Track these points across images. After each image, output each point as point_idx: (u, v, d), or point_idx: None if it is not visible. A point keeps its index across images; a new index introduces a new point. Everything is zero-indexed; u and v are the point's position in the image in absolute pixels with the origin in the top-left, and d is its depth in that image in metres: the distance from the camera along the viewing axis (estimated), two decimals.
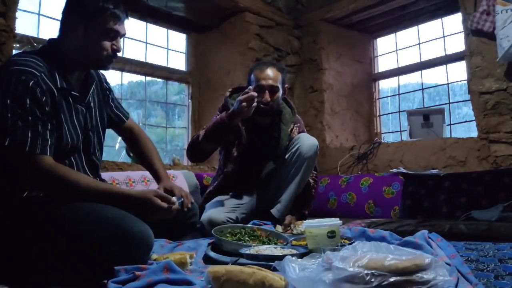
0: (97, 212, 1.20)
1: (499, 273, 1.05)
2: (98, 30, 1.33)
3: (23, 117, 1.18)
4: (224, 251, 1.39)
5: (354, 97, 3.81)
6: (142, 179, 2.46)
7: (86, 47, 1.34)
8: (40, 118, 1.21)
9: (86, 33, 1.32)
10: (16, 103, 1.18)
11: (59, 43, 1.36)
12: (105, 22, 1.33)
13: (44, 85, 1.23)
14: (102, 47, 1.35)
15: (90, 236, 1.14)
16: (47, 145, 1.22)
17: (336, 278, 0.83)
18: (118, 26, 1.36)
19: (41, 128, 1.21)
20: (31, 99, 1.19)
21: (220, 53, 3.53)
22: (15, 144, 1.17)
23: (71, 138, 1.33)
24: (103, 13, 1.32)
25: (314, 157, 2.10)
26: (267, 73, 2.03)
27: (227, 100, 2.12)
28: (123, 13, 1.38)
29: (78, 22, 1.32)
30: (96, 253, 1.12)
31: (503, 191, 2.26)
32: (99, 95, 1.53)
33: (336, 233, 1.31)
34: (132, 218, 1.21)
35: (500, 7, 2.41)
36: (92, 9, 1.31)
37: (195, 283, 0.99)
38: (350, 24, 3.75)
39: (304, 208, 2.17)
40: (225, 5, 3.31)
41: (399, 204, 2.61)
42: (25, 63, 1.23)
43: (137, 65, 3.26)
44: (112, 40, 1.37)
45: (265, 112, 2.07)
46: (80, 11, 1.32)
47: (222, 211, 1.95)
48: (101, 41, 1.34)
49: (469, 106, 2.88)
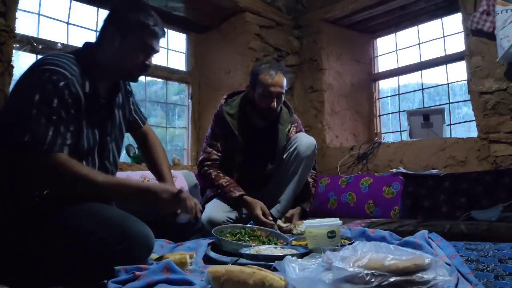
0: (98, 213, 1.21)
1: (499, 273, 1.05)
2: (135, 44, 1.36)
3: (48, 116, 1.19)
4: (224, 251, 1.39)
5: (354, 97, 3.81)
6: (142, 179, 2.46)
7: (120, 58, 1.36)
8: (64, 119, 1.22)
9: (122, 45, 1.35)
10: (44, 101, 1.19)
11: (95, 49, 1.39)
12: (143, 37, 1.37)
13: (73, 88, 1.24)
14: (134, 61, 1.38)
15: (91, 236, 1.14)
16: (64, 144, 1.22)
17: (336, 278, 0.83)
18: (154, 43, 1.40)
19: (63, 129, 1.22)
20: (59, 99, 1.21)
21: (220, 53, 3.53)
22: (35, 141, 1.17)
23: (88, 143, 1.34)
24: (142, 29, 1.36)
25: (312, 157, 2.10)
26: (277, 80, 2.00)
27: (222, 108, 2.11)
28: (161, 31, 1.41)
29: (116, 33, 1.35)
30: (97, 253, 1.13)
31: (503, 191, 2.26)
32: (123, 102, 1.55)
33: (336, 233, 1.31)
34: (133, 219, 1.22)
35: (500, 7, 2.41)
36: (132, 23, 1.35)
37: (195, 283, 0.99)
38: (350, 24, 3.75)
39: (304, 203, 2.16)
40: (225, 5, 3.31)
41: (399, 204, 2.61)
42: (58, 64, 1.25)
43: None
44: (146, 56, 1.40)
45: (269, 118, 2.07)
46: (120, 23, 1.35)
47: (222, 211, 1.96)
48: (135, 55, 1.38)
49: (469, 106, 2.87)
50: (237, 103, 2.13)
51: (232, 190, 1.97)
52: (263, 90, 2.00)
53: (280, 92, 2.02)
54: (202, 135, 3.56)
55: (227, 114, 2.07)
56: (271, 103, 2.00)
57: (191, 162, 3.49)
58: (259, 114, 2.08)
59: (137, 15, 1.35)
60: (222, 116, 2.08)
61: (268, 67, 2.05)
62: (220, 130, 2.09)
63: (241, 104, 2.13)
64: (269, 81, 1.99)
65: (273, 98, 2.00)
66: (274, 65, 2.08)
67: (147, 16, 1.37)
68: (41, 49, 2.63)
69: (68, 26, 2.83)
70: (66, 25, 2.83)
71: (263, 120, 2.09)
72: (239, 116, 2.10)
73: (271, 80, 1.99)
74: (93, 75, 1.33)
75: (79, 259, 1.13)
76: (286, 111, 2.22)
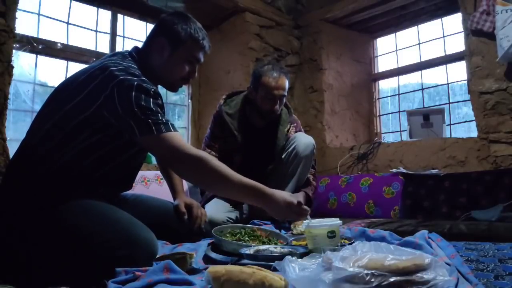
0: (106, 214, 1.21)
1: (499, 273, 1.05)
2: (184, 56, 1.42)
3: (154, 116, 1.22)
4: (224, 251, 1.39)
5: (354, 97, 3.81)
6: (142, 179, 2.46)
7: (168, 68, 1.42)
8: (164, 115, 1.26)
9: (171, 56, 1.41)
10: (143, 107, 1.20)
11: (145, 56, 1.42)
12: (192, 50, 1.43)
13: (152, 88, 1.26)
14: (181, 72, 1.44)
15: (96, 237, 1.14)
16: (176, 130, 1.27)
17: (336, 278, 0.83)
18: (201, 56, 1.47)
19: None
20: (153, 101, 1.23)
21: (220, 53, 3.53)
22: (153, 125, 1.20)
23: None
24: (193, 43, 1.42)
25: (311, 156, 2.10)
26: (280, 84, 2.01)
27: (221, 108, 2.10)
28: (208, 45, 1.48)
29: (167, 44, 1.40)
30: (100, 255, 1.12)
31: (503, 191, 2.26)
32: None
33: (336, 233, 1.31)
34: (139, 224, 1.22)
35: (500, 7, 2.41)
36: (183, 36, 1.41)
37: (195, 283, 0.99)
38: (350, 24, 3.75)
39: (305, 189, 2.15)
40: (225, 5, 3.31)
41: (399, 204, 2.61)
42: (129, 71, 1.24)
43: None
44: (192, 68, 1.47)
45: (270, 119, 2.07)
46: (171, 36, 1.41)
47: (222, 211, 1.96)
48: (183, 67, 1.44)
49: (469, 106, 2.88)
50: (236, 103, 2.13)
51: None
52: (266, 93, 2.00)
53: (283, 95, 2.03)
54: (202, 135, 3.56)
55: (226, 114, 2.08)
56: (273, 106, 2.01)
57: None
58: (259, 115, 2.08)
59: (188, 29, 1.41)
60: (221, 116, 2.08)
61: (271, 69, 2.05)
62: (219, 130, 2.10)
63: (241, 104, 2.13)
64: (273, 84, 2.00)
65: (276, 100, 2.01)
66: (277, 67, 2.07)
67: (197, 30, 1.43)
68: (41, 49, 2.63)
69: (68, 26, 2.83)
70: (66, 25, 2.83)
71: (263, 121, 2.10)
72: (238, 116, 2.10)
73: (274, 83, 2.00)
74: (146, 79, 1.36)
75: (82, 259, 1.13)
76: (285, 111, 2.22)
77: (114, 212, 1.23)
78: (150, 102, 1.22)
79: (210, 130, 2.15)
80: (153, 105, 1.22)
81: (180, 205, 1.63)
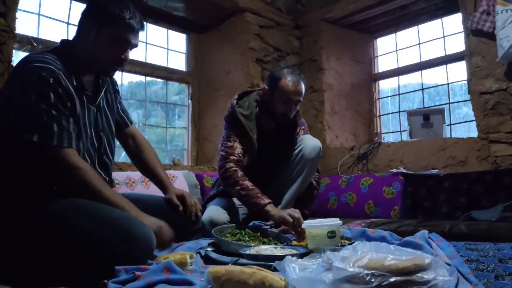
0: (102, 213, 1.21)
1: (499, 273, 1.05)
2: (109, 37, 1.33)
3: (48, 112, 1.21)
4: (224, 251, 1.39)
5: (354, 97, 3.81)
6: (142, 179, 2.46)
7: (95, 52, 1.35)
8: (63, 113, 1.24)
9: (96, 38, 1.33)
10: (41, 99, 1.20)
11: (73, 44, 1.38)
12: (117, 30, 1.33)
13: (63, 82, 1.26)
14: (109, 55, 1.36)
15: (93, 235, 1.14)
16: (72, 138, 1.25)
17: (336, 278, 0.83)
18: (130, 36, 1.36)
19: (65, 123, 1.24)
20: (54, 94, 1.23)
21: (220, 53, 3.53)
22: (43, 138, 1.19)
23: (86, 137, 1.35)
24: (117, 22, 1.32)
25: (316, 159, 2.09)
26: (299, 89, 1.99)
27: (234, 108, 2.05)
28: (138, 24, 1.37)
29: (91, 26, 1.33)
30: (98, 252, 1.12)
31: (503, 191, 2.26)
32: (111, 97, 1.55)
33: (336, 233, 1.31)
34: (136, 220, 1.22)
35: (500, 7, 2.41)
36: (107, 15, 1.32)
37: (195, 283, 0.99)
38: (350, 24, 3.75)
39: (305, 208, 2.16)
40: (225, 5, 3.31)
41: (399, 204, 2.61)
42: (44, 60, 1.25)
43: (137, 65, 3.26)
44: (122, 49, 1.37)
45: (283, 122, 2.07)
46: (95, 16, 1.34)
47: (223, 212, 1.95)
48: (110, 48, 1.35)
49: (469, 106, 2.88)
50: (249, 104, 2.10)
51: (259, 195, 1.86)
52: (283, 96, 1.98)
53: (299, 100, 2.02)
54: (202, 135, 3.56)
55: (241, 115, 2.04)
56: (288, 110, 2.00)
57: (191, 162, 3.49)
58: (271, 117, 2.07)
59: (113, 8, 1.32)
60: (235, 117, 2.03)
61: (290, 73, 2.01)
62: (236, 130, 2.04)
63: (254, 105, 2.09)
64: (292, 88, 1.97)
65: (292, 105, 2.00)
66: (296, 72, 2.04)
67: (123, 9, 1.32)
68: (41, 49, 2.63)
69: (68, 26, 2.83)
70: (66, 25, 2.83)
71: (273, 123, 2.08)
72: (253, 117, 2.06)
73: (293, 88, 1.97)
74: (75, 70, 1.34)
75: (81, 258, 1.13)
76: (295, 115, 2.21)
77: (109, 209, 1.23)
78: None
79: (226, 131, 2.08)
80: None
81: (172, 198, 1.59)
